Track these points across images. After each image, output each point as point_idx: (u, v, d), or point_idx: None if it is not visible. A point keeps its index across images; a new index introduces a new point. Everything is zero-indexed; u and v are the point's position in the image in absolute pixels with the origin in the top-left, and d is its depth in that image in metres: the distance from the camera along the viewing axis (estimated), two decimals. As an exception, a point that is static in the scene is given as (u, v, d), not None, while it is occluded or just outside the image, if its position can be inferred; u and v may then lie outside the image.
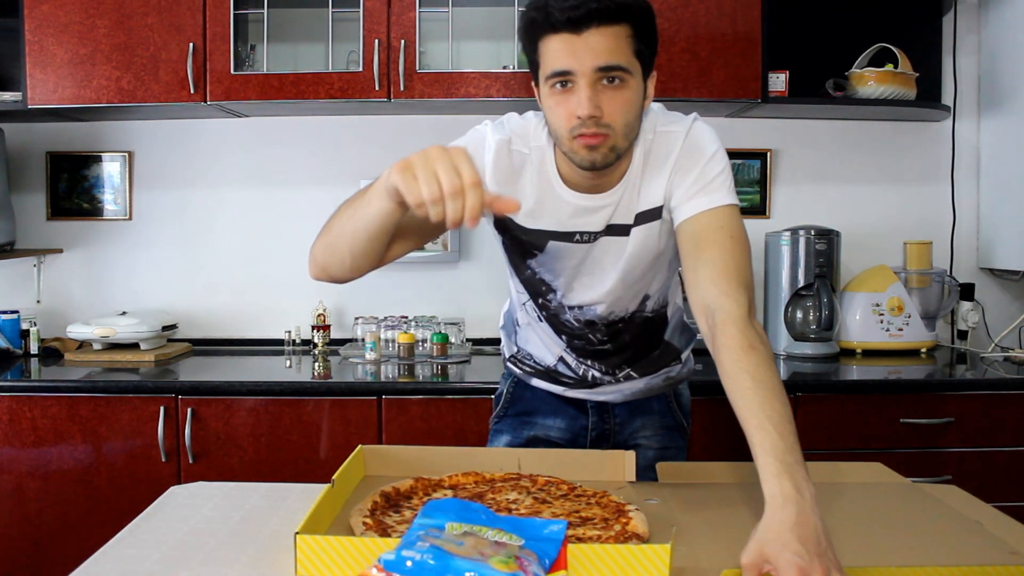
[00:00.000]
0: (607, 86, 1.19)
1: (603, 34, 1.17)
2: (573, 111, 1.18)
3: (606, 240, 1.34)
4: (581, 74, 1.17)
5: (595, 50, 1.17)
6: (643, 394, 1.57)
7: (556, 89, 1.20)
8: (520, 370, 1.60)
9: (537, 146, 1.31)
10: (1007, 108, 2.67)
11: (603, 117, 1.18)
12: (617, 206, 1.31)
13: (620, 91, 1.20)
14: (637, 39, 1.22)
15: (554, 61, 1.18)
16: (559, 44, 1.17)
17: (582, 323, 1.44)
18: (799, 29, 2.68)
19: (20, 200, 2.78)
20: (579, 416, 1.57)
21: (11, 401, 2.20)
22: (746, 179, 2.82)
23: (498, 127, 1.33)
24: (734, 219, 1.27)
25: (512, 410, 1.62)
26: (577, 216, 1.32)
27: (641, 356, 1.51)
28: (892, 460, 1.45)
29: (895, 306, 2.59)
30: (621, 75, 1.19)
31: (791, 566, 0.83)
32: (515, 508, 1.11)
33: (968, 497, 1.23)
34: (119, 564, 0.99)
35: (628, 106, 1.21)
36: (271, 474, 2.18)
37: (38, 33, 2.43)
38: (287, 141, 2.80)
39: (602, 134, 1.19)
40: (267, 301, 2.81)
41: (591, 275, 1.37)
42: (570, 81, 1.18)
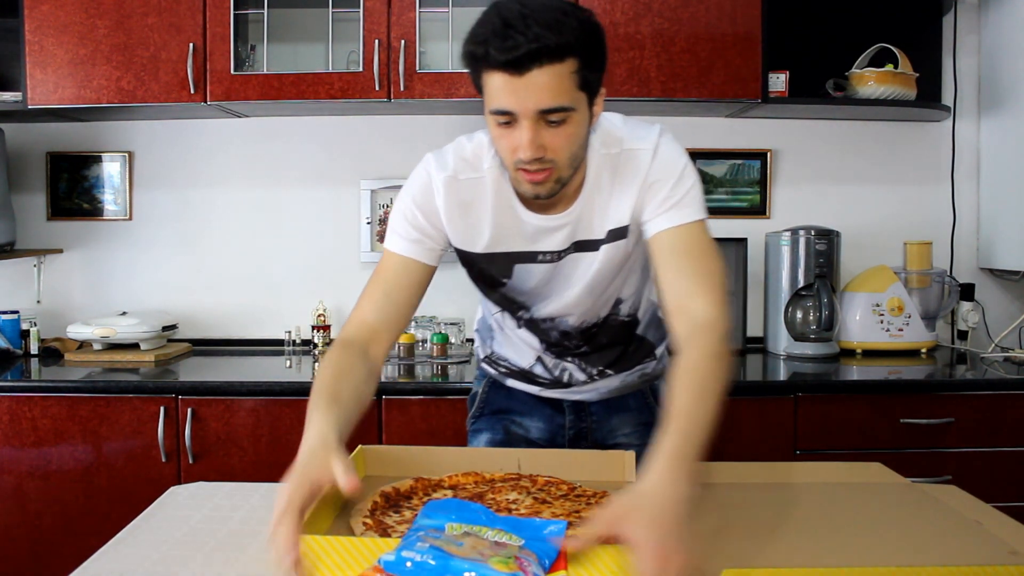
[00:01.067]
0: (549, 125, 1.15)
1: (546, 74, 1.11)
2: (516, 146, 1.16)
3: (574, 257, 1.33)
4: (523, 115, 1.13)
5: (537, 92, 1.12)
6: (618, 392, 1.56)
7: (498, 122, 1.17)
8: (495, 371, 1.60)
9: (491, 167, 1.29)
10: (1007, 108, 2.67)
11: (546, 154, 1.16)
12: (577, 224, 1.30)
13: (564, 128, 1.16)
14: (583, 71, 1.16)
15: (496, 99, 1.15)
16: (500, 83, 1.13)
17: (558, 332, 1.45)
18: (799, 29, 2.68)
19: (20, 200, 2.78)
20: (556, 415, 1.57)
21: (11, 401, 2.20)
22: (746, 179, 2.82)
23: (441, 164, 1.31)
24: (706, 234, 1.28)
25: (488, 408, 1.61)
26: (538, 236, 1.31)
27: (619, 356, 1.51)
28: (892, 460, 1.45)
29: (895, 306, 2.59)
30: (564, 114, 1.15)
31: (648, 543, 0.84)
32: (515, 508, 1.11)
33: (968, 497, 1.23)
34: (119, 564, 0.99)
35: (572, 140, 1.18)
36: (271, 474, 2.15)
37: (38, 33, 2.43)
38: (287, 141, 2.80)
39: (546, 170, 1.18)
40: (267, 301, 2.81)
41: (557, 290, 1.37)
42: (512, 119, 1.15)
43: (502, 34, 1.10)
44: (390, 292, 1.32)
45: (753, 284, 2.71)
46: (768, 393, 2.22)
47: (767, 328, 2.69)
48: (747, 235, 2.70)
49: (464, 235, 1.32)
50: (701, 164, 2.81)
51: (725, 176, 2.82)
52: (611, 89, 2.43)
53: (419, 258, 1.32)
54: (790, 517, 1.14)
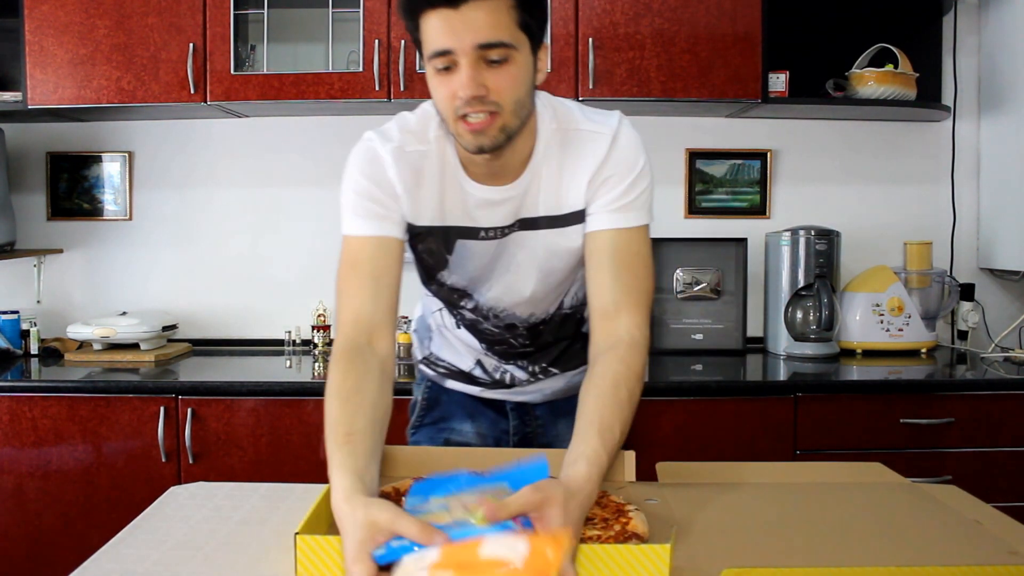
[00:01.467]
0: (491, 64, 1.11)
1: (482, 8, 1.08)
2: (456, 91, 1.11)
3: (518, 236, 1.28)
4: (462, 52, 1.09)
5: (474, 25, 1.08)
6: (564, 393, 1.49)
7: (439, 70, 1.12)
8: (433, 372, 1.54)
9: (436, 137, 1.24)
10: (1007, 108, 2.67)
11: (489, 95, 1.11)
12: (523, 199, 1.25)
13: (506, 68, 1.11)
14: (521, 10, 1.12)
15: (434, 40, 1.10)
16: (437, 21, 1.09)
17: (502, 328, 1.39)
18: (799, 29, 2.68)
19: (20, 200, 2.78)
20: (499, 419, 1.51)
21: (11, 401, 2.20)
22: (746, 179, 2.82)
23: (384, 137, 1.25)
24: (647, 242, 1.26)
25: (429, 417, 1.55)
26: (481, 209, 1.25)
27: (563, 353, 1.45)
28: (892, 460, 1.44)
29: (895, 306, 2.59)
30: (506, 52, 1.11)
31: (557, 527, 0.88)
32: (515, 508, 1.11)
33: (968, 497, 1.23)
34: (119, 564, 0.99)
35: (516, 82, 1.13)
36: (271, 474, 2.18)
37: (38, 33, 2.43)
38: (287, 141, 2.80)
39: (489, 112, 1.12)
40: (267, 301, 2.81)
41: (500, 273, 1.32)
42: (452, 61, 1.10)
43: None
44: (378, 278, 1.22)
45: (753, 284, 2.71)
46: (768, 393, 2.22)
47: (767, 328, 2.69)
48: (747, 235, 2.70)
49: (413, 208, 1.25)
50: (701, 164, 2.81)
51: (725, 176, 2.82)
52: (611, 89, 2.44)
53: (391, 233, 1.24)
54: (790, 517, 1.14)
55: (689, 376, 2.37)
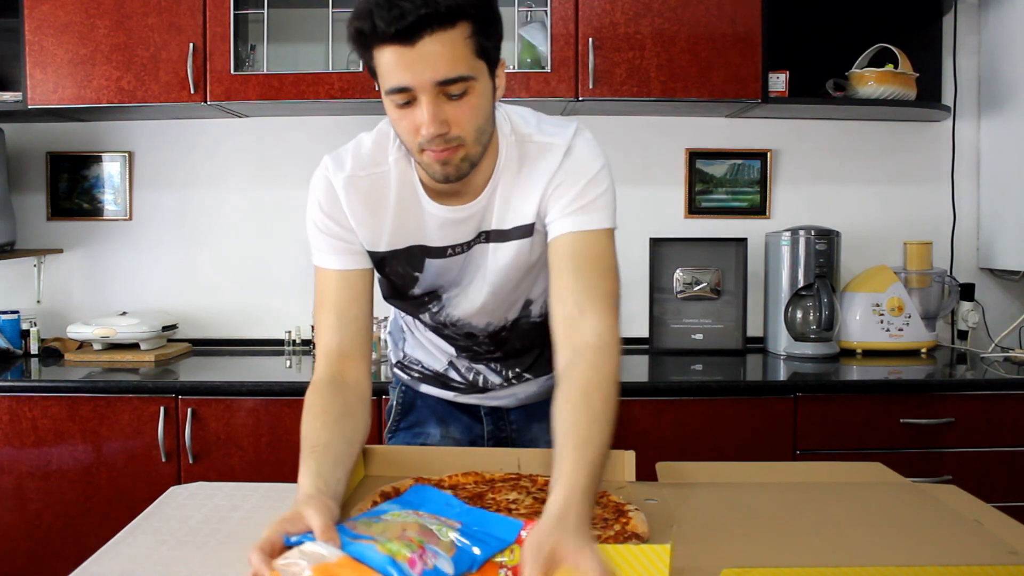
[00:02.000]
0: (451, 99, 1.08)
1: (439, 41, 1.04)
2: (417, 126, 1.09)
3: (482, 248, 1.27)
4: (421, 89, 1.06)
5: (432, 62, 1.04)
6: (537, 398, 1.48)
7: (396, 103, 1.09)
8: (408, 376, 1.54)
9: (396, 159, 1.23)
10: (1007, 108, 2.67)
11: (451, 131, 1.09)
12: (484, 213, 1.24)
13: (466, 100, 1.09)
14: (479, 36, 1.08)
15: (390, 76, 1.07)
16: (392, 57, 1.05)
17: (462, 335, 1.39)
18: (799, 29, 2.68)
19: (20, 200, 2.78)
20: (473, 424, 1.51)
21: (11, 401, 2.20)
22: (746, 179, 2.82)
23: (339, 164, 1.26)
24: (610, 246, 1.21)
25: (404, 422, 1.55)
26: (445, 228, 1.24)
27: (536, 360, 1.45)
28: (892, 460, 1.45)
29: (895, 306, 2.59)
30: (465, 85, 1.08)
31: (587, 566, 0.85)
32: (515, 508, 1.11)
33: (968, 497, 1.23)
34: (119, 564, 0.99)
35: (476, 112, 1.11)
36: (271, 474, 2.17)
37: (38, 33, 2.43)
38: (287, 141, 2.80)
39: (452, 147, 1.10)
40: (267, 301, 2.81)
41: (461, 289, 1.31)
42: (411, 96, 1.08)
43: (386, 4, 1.02)
44: (344, 312, 1.24)
45: (753, 284, 2.71)
46: (768, 393, 2.22)
47: (767, 328, 2.69)
48: (747, 235, 2.70)
49: (371, 234, 1.25)
50: (701, 164, 2.81)
51: (725, 176, 2.82)
52: (611, 89, 2.44)
53: (353, 266, 1.25)
54: (790, 517, 1.14)
55: (689, 376, 2.37)
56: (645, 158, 2.80)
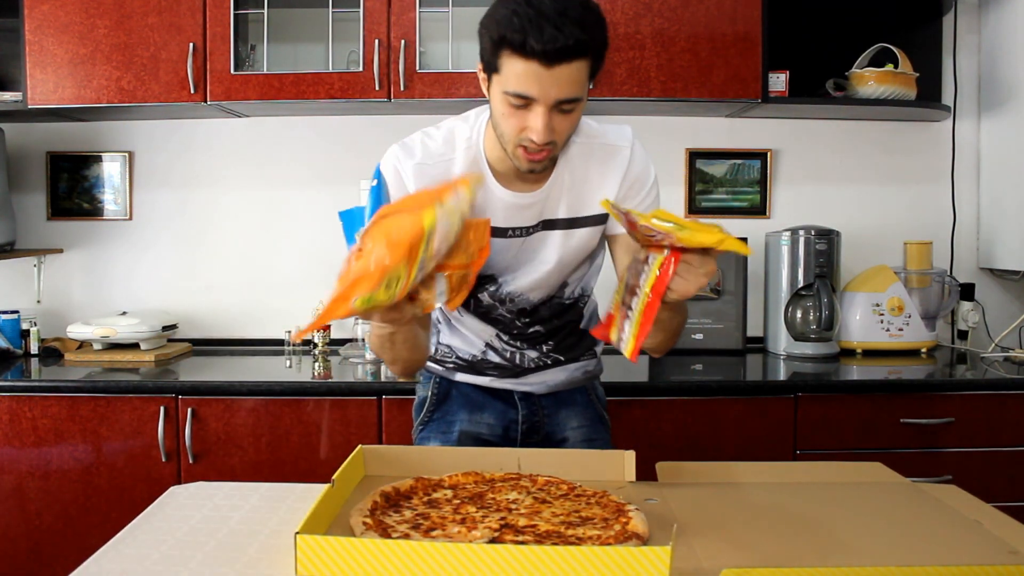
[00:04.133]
0: (561, 112, 1.24)
1: (571, 68, 1.19)
2: (527, 128, 1.23)
3: (541, 235, 1.41)
4: (543, 102, 1.21)
5: (561, 83, 1.19)
6: (565, 386, 1.59)
7: (512, 103, 1.23)
8: (442, 367, 1.59)
9: (467, 147, 1.37)
10: (1007, 108, 2.67)
11: (554, 137, 1.25)
12: (545, 203, 1.38)
13: (571, 115, 1.26)
14: (595, 64, 1.26)
15: (518, 84, 1.20)
16: (526, 70, 1.19)
17: (514, 312, 1.48)
18: (799, 29, 2.68)
19: (20, 200, 2.78)
20: (508, 409, 1.57)
21: (11, 401, 2.20)
22: (746, 179, 2.82)
23: (408, 153, 1.37)
24: None
25: (438, 412, 1.59)
26: (509, 212, 1.37)
27: (564, 338, 1.55)
28: (892, 460, 1.45)
29: (895, 306, 2.59)
30: (576, 104, 1.24)
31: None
32: (515, 508, 1.11)
33: (968, 497, 1.23)
34: (119, 564, 0.99)
35: (573, 125, 1.29)
36: (271, 474, 2.18)
37: (38, 33, 2.43)
38: (287, 141, 2.80)
39: (548, 150, 1.26)
40: (267, 301, 2.81)
41: (529, 264, 1.43)
42: (528, 103, 1.22)
43: (538, 24, 1.16)
44: None
45: (753, 284, 2.71)
46: (768, 393, 2.22)
47: (767, 328, 2.69)
48: (747, 235, 2.70)
49: None
50: (701, 164, 2.81)
51: (725, 176, 2.82)
52: (611, 89, 2.44)
53: None
54: (790, 517, 1.15)
55: (689, 376, 2.37)
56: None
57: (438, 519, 1.07)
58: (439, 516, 1.08)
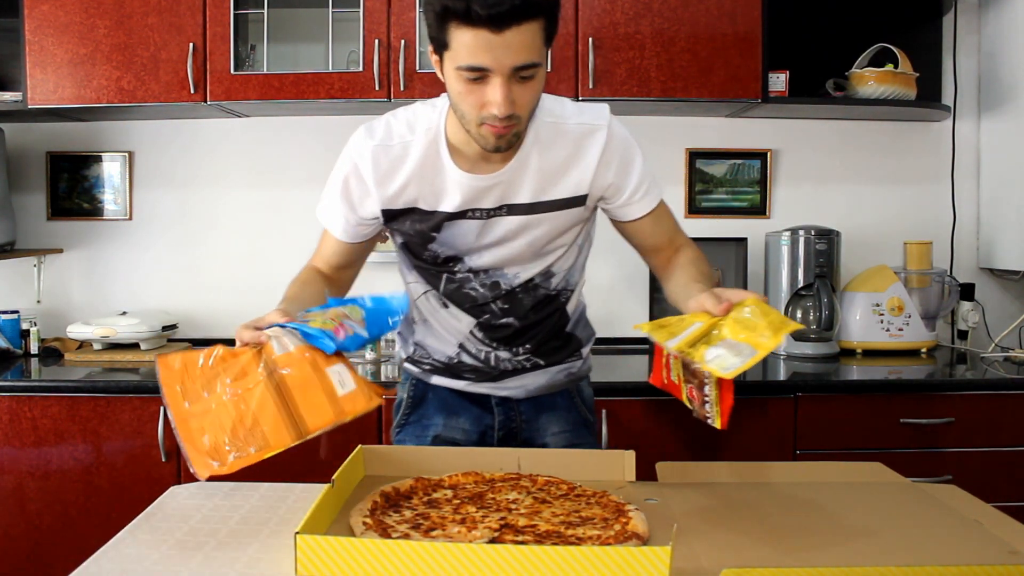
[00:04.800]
0: (521, 81, 1.19)
1: (521, 32, 1.15)
2: (486, 102, 1.19)
3: (505, 220, 1.37)
4: (498, 71, 1.16)
5: (513, 49, 1.15)
6: (546, 390, 1.54)
7: (467, 78, 1.18)
8: (418, 369, 1.56)
9: (426, 129, 1.34)
10: (1007, 108, 2.67)
11: (516, 110, 1.21)
12: (509, 184, 1.34)
13: (531, 84, 1.21)
14: (549, 28, 1.22)
15: (469, 56, 1.16)
16: (475, 40, 1.14)
17: (487, 287, 1.44)
18: (799, 29, 2.68)
19: (20, 200, 2.78)
20: (484, 415, 1.53)
21: (11, 401, 2.20)
22: (746, 179, 2.82)
23: (370, 133, 1.37)
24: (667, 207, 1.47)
25: (414, 415, 1.57)
26: (468, 194, 1.34)
27: (545, 340, 1.50)
28: (892, 460, 1.45)
29: (895, 306, 2.59)
30: (535, 70, 1.20)
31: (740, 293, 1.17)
32: (515, 508, 1.11)
33: (968, 497, 1.23)
34: (119, 564, 0.99)
35: (535, 94, 1.25)
36: (271, 474, 2.16)
37: (38, 33, 2.43)
38: (287, 141, 2.80)
39: (511, 124, 1.22)
40: (267, 301, 2.77)
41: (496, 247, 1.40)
42: (483, 75, 1.17)
43: None
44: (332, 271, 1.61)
45: (753, 284, 2.71)
46: (768, 393, 2.22)
47: (767, 328, 2.68)
48: (747, 235, 2.70)
49: (390, 192, 1.37)
50: (701, 164, 2.81)
51: (725, 176, 2.82)
52: (611, 89, 2.44)
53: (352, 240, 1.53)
54: (790, 517, 1.15)
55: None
56: (645, 158, 2.79)
57: (438, 519, 1.07)
58: (439, 516, 1.08)
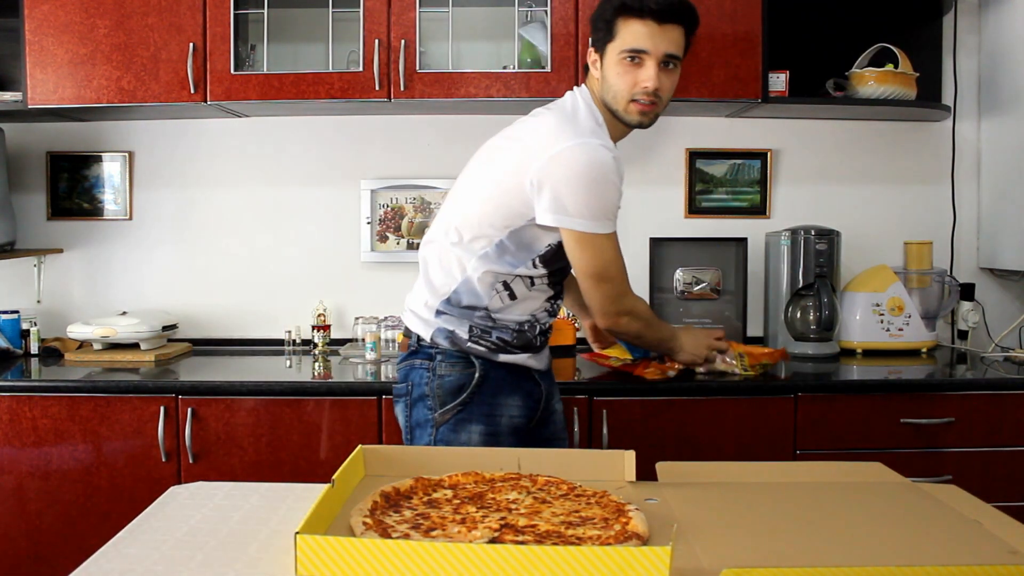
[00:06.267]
0: (666, 69, 1.60)
1: (675, 30, 1.59)
2: (640, 81, 1.58)
3: None
4: (654, 55, 1.57)
5: (669, 40, 1.58)
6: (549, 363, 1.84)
7: (626, 61, 1.58)
8: (483, 347, 1.67)
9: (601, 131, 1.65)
10: (1007, 108, 2.67)
11: (660, 91, 1.60)
12: None
13: (673, 74, 1.63)
14: (689, 36, 1.64)
15: (634, 40, 1.57)
16: (643, 28, 1.56)
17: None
18: (799, 29, 2.68)
19: (20, 200, 2.78)
20: (533, 389, 1.74)
21: (11, 401, 2.20)
22: (746, 179, 2.82)
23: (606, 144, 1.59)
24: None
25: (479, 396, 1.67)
26: None
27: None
28: (892, 460, 1.45)
29: (895, 306, 2.59)
30: (677, 63, 1.61)
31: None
32: (515, 508, 1.11)
33: (968, 497, 1.23)
34: (119, 564, 0.99)
35: (674, 85, 1.65)
36: (271, 474, 2.18)
37: (38, 33, 2.43)
38: (287, 141, 2.81)
39: (654, 103, 1.61)
40: (267, 301, 2.81)
41: None
42: (640, 58, 1.57)
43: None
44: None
45: (753, 284, 2.71)
46: (768, 393, 2.22)
47: (767, 328, 2.69)
48: (747, 235, 2.70)
49: None
50: (701, 164, 2.82)
51: (725, 176, 2.82)
52: (611, 89, 2.43)
53: None
54: (790, 517, 1.15)
55: (689, 376, 2.36)
56: (645, 158, 2.80)
57: (438, 519, 1.07)
58: (439, 516, 1.08)
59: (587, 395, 2.17)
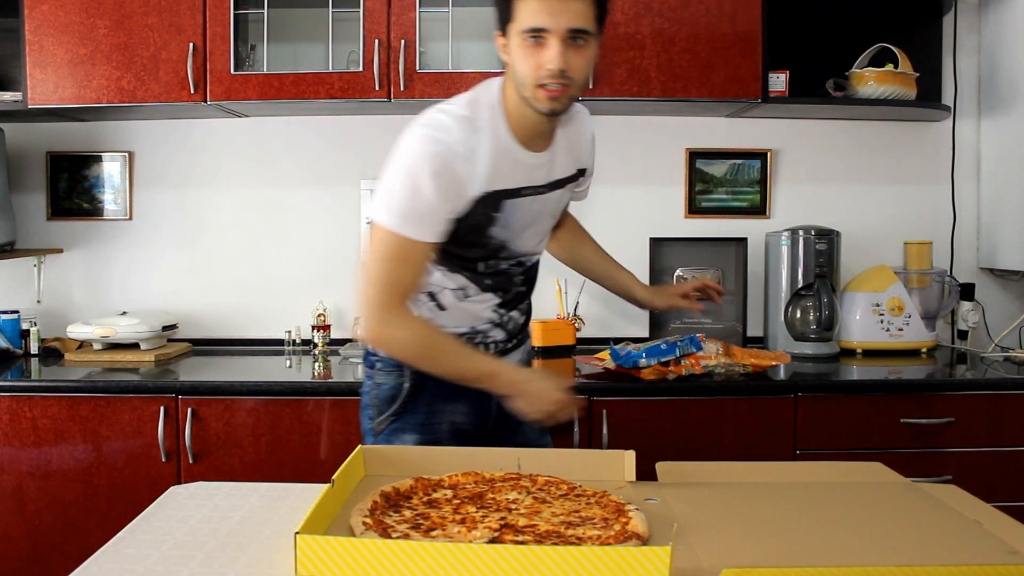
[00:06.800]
0: (573, 45, 1.36)
1: (579, 1, 1.35)
2: (543, 64, 1.35)
3: (549, 194, 1.53)
4: (555, 32, 1.34)
5: (570, 13, 1.34)
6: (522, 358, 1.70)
7: (528, 43, 1.36)
8: None
9: (488, 119, 1.44)
10: (1007, 108, 2.67)
11: (568, 71, 1.36)
12: (552, 162, 1.51)
13: (583, 51, 1.38)
14: (600, 7, 1.40)
15: (532, 18, 1.34)
16: (538, 5, 1.33)
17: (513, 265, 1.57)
18: (799, 29, 2.68)
19: (20, 200, 2.78)
20: (481, 395, 1.53)
21: (11, 401, 2.20)
22: (746, 179, 2.82)
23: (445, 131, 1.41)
24: None
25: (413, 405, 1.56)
26: (525, 172, 1.47)
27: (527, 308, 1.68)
28: (892, 460, 1.45)
29: (895, 306, 2.59)
30: (587, 38, 1.37)
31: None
32: (515, 508, 1.11)
33: (968, 497, 1.23)
34: (119, 564, 0.99)
35: (587, 64, 1.40)
36: (271, 474, 2.18)
37: (38, 33, 2.43)
38: (287, 141, 2.81)
39: (565, 85, 1.37)
40: (267, 301, 2.81)
41: (534, 226, 1.55)
42: (542, 37, 1.35)
43: None
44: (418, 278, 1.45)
45: (753, 284, 2.71)
46: (768, 393, 2.22)
47: (767, 328, 2.69)
48: (747, 235, 2.70)
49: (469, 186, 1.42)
50: (701, 164, 2.81)
51: (725, 176, 2.82)
52: (611, 89, 2.44)
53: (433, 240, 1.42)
54: (790, 517, 1.15)
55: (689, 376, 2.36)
56: (645, 158, 2.80)
57: (438, 519, 1.07)
58: (439, 516, 1.08)
59: (587, 395, 2.17)
